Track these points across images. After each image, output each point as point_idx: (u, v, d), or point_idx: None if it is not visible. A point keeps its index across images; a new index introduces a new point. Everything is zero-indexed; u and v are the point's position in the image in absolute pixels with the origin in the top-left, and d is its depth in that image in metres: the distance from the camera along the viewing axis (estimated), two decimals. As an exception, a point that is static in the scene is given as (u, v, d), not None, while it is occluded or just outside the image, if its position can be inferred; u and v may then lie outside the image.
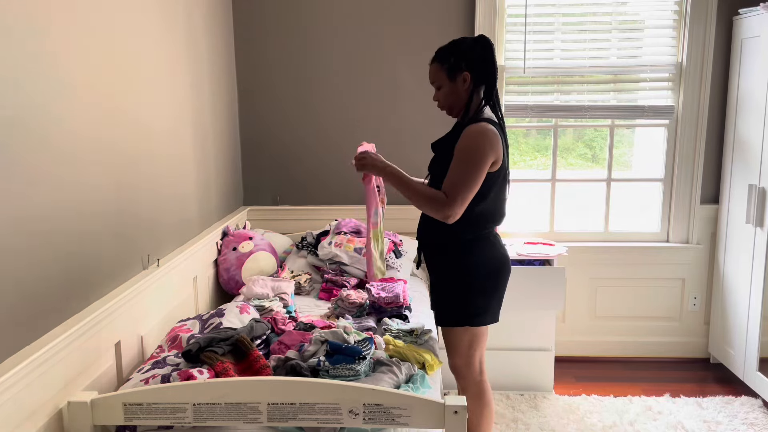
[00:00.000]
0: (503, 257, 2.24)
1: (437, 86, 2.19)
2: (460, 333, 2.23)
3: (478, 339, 2.25)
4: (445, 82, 2.16)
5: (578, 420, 2.90)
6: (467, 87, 2.13)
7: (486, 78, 2.14)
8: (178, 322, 2.20)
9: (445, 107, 2.21)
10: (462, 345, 2.24)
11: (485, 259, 2.18)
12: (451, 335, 2.26)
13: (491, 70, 2.14)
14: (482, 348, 2.29)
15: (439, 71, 2.16)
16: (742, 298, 3.21)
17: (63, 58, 1.68)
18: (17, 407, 1.43)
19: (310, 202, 3.57)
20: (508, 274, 2.26)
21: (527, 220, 3.65)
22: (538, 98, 3.47)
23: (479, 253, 2.17)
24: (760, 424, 2.86)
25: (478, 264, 2.17)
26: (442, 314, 2.26)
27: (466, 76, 2.12)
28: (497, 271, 2.21)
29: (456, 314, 2.22)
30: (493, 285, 2.22)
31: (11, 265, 1.46)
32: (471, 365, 2.27)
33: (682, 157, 3.45)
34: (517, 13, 3.37)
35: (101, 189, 1.89)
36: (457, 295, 2.20)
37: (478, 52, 2.12)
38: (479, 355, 2.28)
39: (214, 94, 3.05)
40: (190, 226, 2.70)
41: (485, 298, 2.20)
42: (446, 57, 2.14)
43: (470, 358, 2.26)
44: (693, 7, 3.30)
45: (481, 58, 2.12)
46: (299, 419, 1.58)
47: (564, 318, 3.62)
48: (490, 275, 2.20)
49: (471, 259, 2.17)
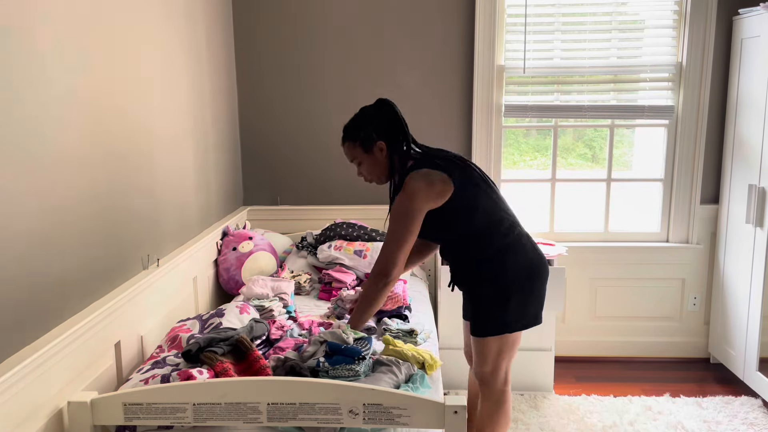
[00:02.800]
0: (534, 260, 2.17)
1: (357, 163, 2.20)
2: (490, 341, 2.17)
3: (509, 347, 2.19)
4: (363, 157, 2.18)
5: (578, 420, 2.89)
6: (385, 154, 2.16)
7: (399, 136, 2.16)
8: (178, 322, 2.20)
9: (372, 179, 2.23)
10: (491, 353, 2.18)
11: (514, 264, 2.13)
12: (482, 343, 2.19)
13: (400, 127, 2.16)
14: (511, 357, 2.23)
15: (354, 149, 2.18)
16: (742, 298, 3.21)
17: (62, 56, 1.68)
18: (17, 407, 1.43)
19: (310, 202, 3.57)
20: (542, 276, 2.19)
21: (527, 220, 3.64)
22: (538, 98, 3.47)
23: (508, 260, 2.12)
24: (760, 424, 2.86)
25: (506, 271, 2.12)
26: (476, 325, 2.20)
27: (381, 145, 2.14)
28: (529, 275, 2.15)
29: (489, 324, 2.16)
30: (526, 289, 2.15)
31: (11, 265, 1.46)
32: (497, 373, 2.22)
33: (682, 157, 3.45)
34: (517, 13, 3.37)
35: (101, 189, 1.89)
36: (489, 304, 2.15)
37: (383, 116, 2.16)
38: (506, 364, 2.22)
39: (215, 95, 3.05)
40: (190, 226, 2.70)
41: (517, 303, 2.14)
42: (356, 133, 2.16)
43: (497, 367, 2.20)
44: (693, 7, 3.30)
45: (387, 121, 2.15)
46: (299, 419, 1.58)
47: (564, 318, 3.62)
48: (522, 280, 2.14)
49: (499, 268, 2.12)
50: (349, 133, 2.18)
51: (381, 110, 2.17)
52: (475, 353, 2.24)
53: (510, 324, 2.15)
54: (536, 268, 2.16)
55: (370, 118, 2.17)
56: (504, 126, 3.52)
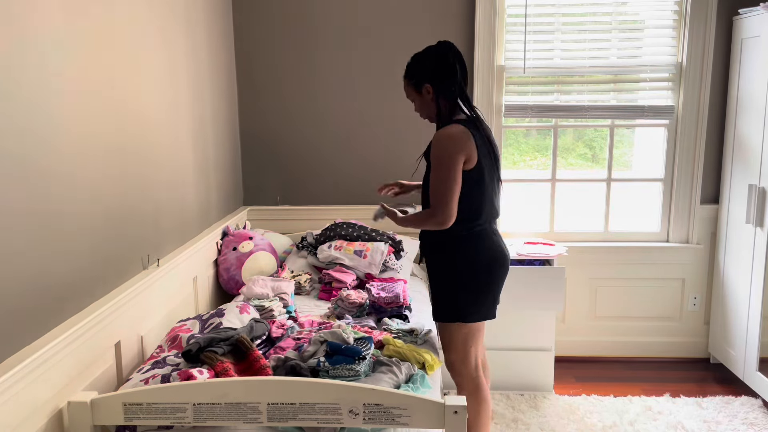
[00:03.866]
0: (496, 253, 2.25)
1: (412, 100, 2.32)
2: (455, 329, 2.27)
3: (474, 335, 2.28)
4: (416, 96, 2.29)
5: (578, 420, 2.90)
6: (432, 97, 2.24)
7: (448, 83, 2.21)
8: (178, 322, 2.20)
9: (425, 117, 2.32)
10: (457, 341, 2.27)
11: (477, 255, 2.22)
12: (447, 331, 2.29)
13: (451, 73, 2.20)
14: (478, 344, 2.31)
15: (409, 87, 2.29)
16: (742, 298, 3.21)
17: (61, 56, 1.68)
18: (17, 407, 1.43)
19: (310, 202, 3.57)
20: (502, 269, 2.28)
21: (527, 220, 3.65)
22: (538, 98, 3.47)
23: (471, 250, 2.22)
24: (760, 424, 2.86)
25: (469, 260, 2.22)
26: (437, 310, 2.31)
27: (428, 87, 2.23)
28: (489, 267, 2.24)
29: (450, 310, 2.26)
30: (485, 281, 2.24)
31: (11, 265, 1.46)
32: (467, 361, 2.29)
33: (682, 157, 3.45)
34: (517, 13, 3.37)
35: (101, 189, 1.89)
36: (451, 291, 2.25)
37: (435, 60, 2.21)
38: (475, 351, 2.30)
39: (215, 95, 3.05)
40: (190, 226, 2.70)
41: (478, 294, 2.24)
42: (411, 73, 2.27)
43: (466, 354, 2.28)
44: (693, 7, 3.30)
45: (438, 65, 2.21)
46: (299, 419, 1.58)
47: (564, 318, 3.62)
48: (482, 271, 2.23)
49: (463, 256, 2.22)
50: (408, 70, 2.28)
51: (437, 53, 2.22)
52: (441, 341, 2.32)
53: (470, 314, 2.24)
54: (498, 262, 2.26)
55: (426, 59, 2.23)
56: (504, 126, 3.52)
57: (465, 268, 2.22)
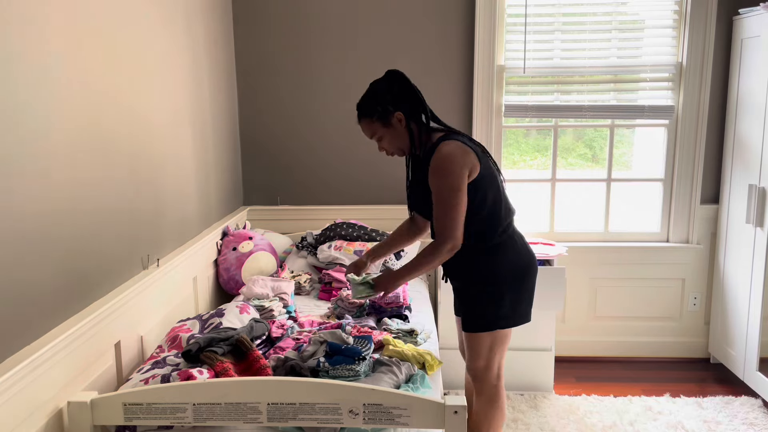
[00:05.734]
0: (526, 258, 2.19)
1: (378, 138, 2.19)
2: (482, 336, 2.19)
3: (500, 342, 2.21)
4: (383, 131, 2.16)
5: (578, 420, 2.90)
6: (404, 124, 2.14)
7: (415, 105, 2.16)
8: (178, 322, 2.20)
9: (395, 152, 2.22)
10: (483, 348, 2.20)
11: (507, 262, 2.15)
12: (474, 338, 2.21)
13: (415, 96, 2.16)
14: (503, 352, 2.25)
15: (372, 124, 2.16)
16: (742, 298, 3.21)
17: (59, 53, 1.68)
18: (17, 407, 1.43)
19: (310, 202, 3.57)
20: (532, 274, 2.22)
21: (527, 220, 3.65)
22: (538, 98, 3.47)
23: (501, 257, 2.14)
24: (760, 424, 2.86)
25: (500, 268, 2.14)
26: (468, 320, 2.21)
27: (398, 115, 2.13)
28: (521, 273, 2.17)
29: (481, 319, 2.18)
30: (517, 287, 2.18)
31: (11, 265, 1.46)
32: (490, 369, 2.23)
33: (682, 157, 3.45)
34: (517, 13, 3.37)
35: (101, 189, 1.89)
36: (482, 300, 2.17)
37: (396, 87, 2.14)
38: (499, 359, 2.24)
39: (214, 95, 3.05)
40: (190, 226, 2.70)
41: (510, 301, 2.16)
42: (372, 109, 2.14)
43: (490, 362, 2.22)
44: (693, 7, 3.29)
45: (401, 90, 2.14)
46: (299, 419, 1.58)
47: (564, 318, 3.62)
48: (514, 278, 2.16)
49: (493, 264, 2.14)
50: (364, 109, 2.16)
51: (392, 81, 2.15)
52: (467, 349, 2.26)
53: (500, 320, 2.17)
54: (527, 267, 2.19)
55: (383, 90, 2.14)
56: (504, 126, 3.52)
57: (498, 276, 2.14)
